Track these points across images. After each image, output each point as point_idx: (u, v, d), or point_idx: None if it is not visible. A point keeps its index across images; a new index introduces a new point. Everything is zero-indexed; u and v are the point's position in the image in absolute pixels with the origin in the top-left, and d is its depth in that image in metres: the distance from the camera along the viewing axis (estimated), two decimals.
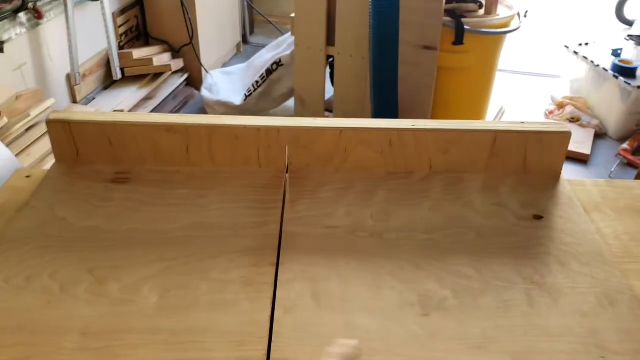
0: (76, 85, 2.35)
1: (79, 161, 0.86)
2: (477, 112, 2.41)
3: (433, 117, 2.22)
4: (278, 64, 2.48)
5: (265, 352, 0.59)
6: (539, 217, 0.77)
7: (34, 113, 1.98)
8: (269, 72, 2.49)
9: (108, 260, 0.70)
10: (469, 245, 0.72)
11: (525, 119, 0.84)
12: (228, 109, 2.56)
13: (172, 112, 2.63)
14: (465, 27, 2.06)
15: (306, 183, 0.83)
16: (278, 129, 0.83)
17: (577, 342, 0.60)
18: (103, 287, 0.66)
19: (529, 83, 3.09)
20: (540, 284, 0.67)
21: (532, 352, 0.59)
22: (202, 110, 2.65)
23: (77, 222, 0.76)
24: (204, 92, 2.63)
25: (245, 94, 2.55)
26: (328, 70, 2.41)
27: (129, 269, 0.69)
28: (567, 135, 0.82)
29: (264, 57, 2.62)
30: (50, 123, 0.84)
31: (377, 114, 2.14)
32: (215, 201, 0.79)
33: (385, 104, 2.12)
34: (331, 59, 2.34)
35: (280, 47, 2.57)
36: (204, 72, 2.82)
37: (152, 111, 2.51)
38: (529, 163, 0.84)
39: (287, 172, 0.85)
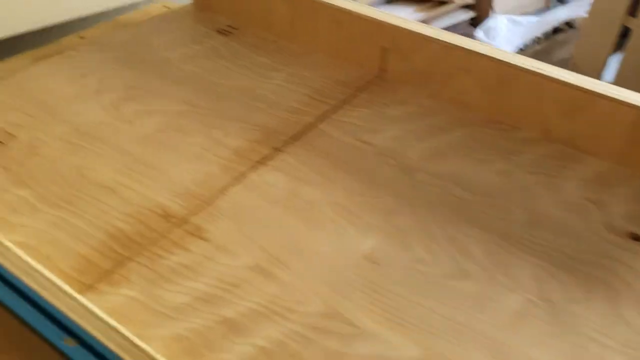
0: None
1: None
2: None
3: None
4: (569, 24, 2.14)
5: None
6: None
7: None
8: (556, 30, 2.17)
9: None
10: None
11: None
12: None
13: None
14: None
15: (380, 96, 0.69)
16: (380, 24, 0.70)
17: None
18: None
19: None
20: None
21: None
22: None
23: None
24: (479, 34, 2.43)
25: (520, 48, 2.29)
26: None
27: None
28: None
29: (557, 13, 2.28)
30: None
31: None
32: (280, 78, 0.72)
33: None
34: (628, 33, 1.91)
35: (580, 5, 2.21)
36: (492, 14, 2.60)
37: None
38: None
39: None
